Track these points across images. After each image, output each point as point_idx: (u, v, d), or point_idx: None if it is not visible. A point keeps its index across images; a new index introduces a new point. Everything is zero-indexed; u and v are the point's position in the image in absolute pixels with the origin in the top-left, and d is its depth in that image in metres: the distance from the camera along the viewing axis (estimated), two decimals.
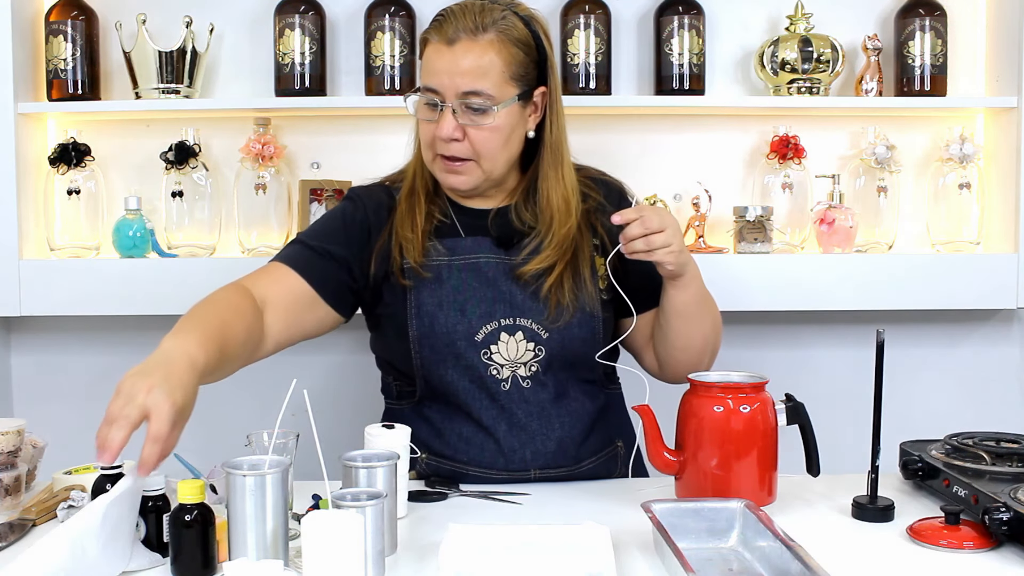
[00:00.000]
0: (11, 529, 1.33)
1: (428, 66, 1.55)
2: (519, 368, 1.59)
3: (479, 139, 1.55)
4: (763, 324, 2.40)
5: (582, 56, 2.24)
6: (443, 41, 1.52)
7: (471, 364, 1.58)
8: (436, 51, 1.54)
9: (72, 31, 2.23)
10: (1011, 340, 2.43)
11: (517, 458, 1.58)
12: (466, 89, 1.52)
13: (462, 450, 1.60)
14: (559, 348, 1.59)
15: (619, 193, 1.73)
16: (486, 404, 1.59)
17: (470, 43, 1.51)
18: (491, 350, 1.58)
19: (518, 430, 1.58)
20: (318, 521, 1.08)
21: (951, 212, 2.32)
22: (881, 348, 1.38)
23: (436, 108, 1.54)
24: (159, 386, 1.17)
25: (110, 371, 2.42)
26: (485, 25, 1.52)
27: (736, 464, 1.42)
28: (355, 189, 1.72)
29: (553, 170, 1.61)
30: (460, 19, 1.52)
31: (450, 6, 1.57)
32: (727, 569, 1.24)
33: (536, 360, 1.59)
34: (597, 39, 2.24)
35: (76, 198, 2.27)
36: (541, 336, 1.59)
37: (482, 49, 1.52)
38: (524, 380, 1.59)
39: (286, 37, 2.24)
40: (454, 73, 1.52)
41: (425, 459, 1.62)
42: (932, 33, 2.26)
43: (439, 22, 1.55)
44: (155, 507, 1.25)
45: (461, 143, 1.55)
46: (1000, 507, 1.26)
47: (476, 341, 1.58)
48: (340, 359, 2.38)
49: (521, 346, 1.58)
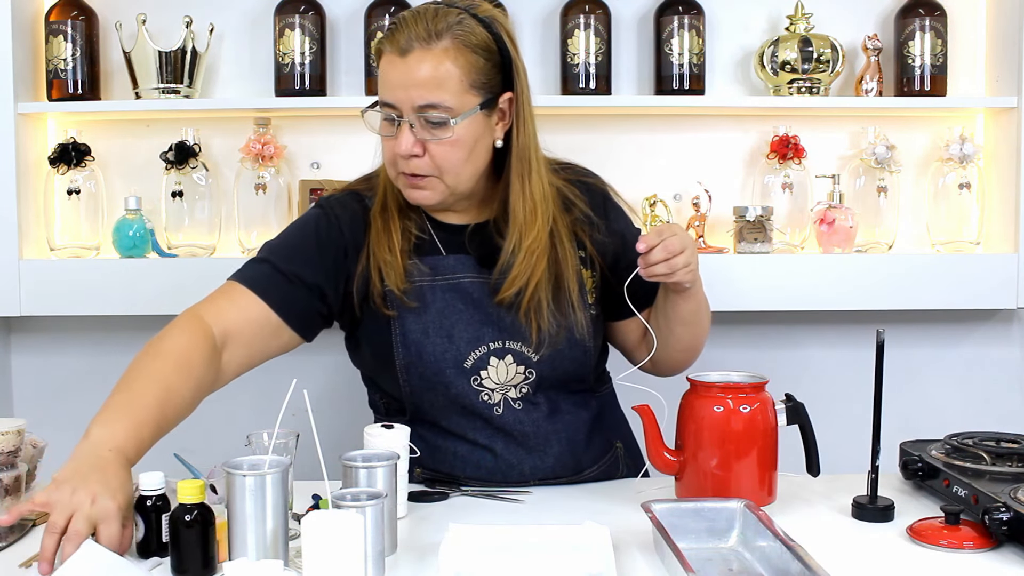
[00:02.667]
0: (11, 529, 1.33)
1: (383, 79, 1.45)
2: (510, 391, 1.54)
3: (439, 154, 1.45)
4: (763, 324, 2.40)
5: (582, 56, 2.24)
6: (396, 52, 1.42)
7: (461, 392, 1.53)
8: (390, 63, 1.44)
9: (72, 31, 2.23)
10: (1011, 340, 2.43)
11: (515, 472, 1.55)
12: (422, 103, 1.42)
13: (459, 467, 1.57)
14: (550, 370, 1.55)
15: (603, 196, 1.65)
16: (480, 426, 1.55)
17: (423, 52, 1.41)
18: (480, 376, 1.53)
19: (515, 447, 1.55)
20: (318, 521, 1.07)
21: (951, 212, 2.32)
22: (881, 348, 1.38)
23: (394, 123, 1.45)
24: (101, 493, 1.17)
25: (110, 371, 2.42)
26: (439, 32, 1.42)
27: (736, 464, 1.42)
28: (326, 199, 1.61)
29: (519, 181, 1.51)
30: (412, 27, 1.42)
31: (403, 12, 1.48)
32: (727, 569, 1.24)
33: (527, 382, 1.55)
34: (597, 39, 2.24)
35: (76, 198, 2.27)
36: (531, 359, 1.54)
37: (436, 59, 1.41)
38: (516, 402, 1.55)
39: (286, 37, 2.24)
40: (409, 86, 1.42)
41: (420, 473, 1.58)
42: (932, 33, 2.26)
43: (391, 31, 1.44)
44: (155, 507, 1.25)
45: (421, 159, 1.45)
46: (1000, 507, 1.25)
47: (465, 368, 1.52)
48: (340, 359, 2.35)
49: (511, 369, 1.54)
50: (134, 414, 1.30)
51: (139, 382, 1.36)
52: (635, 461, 1.71)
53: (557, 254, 1.55)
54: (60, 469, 1.23)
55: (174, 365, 1.39)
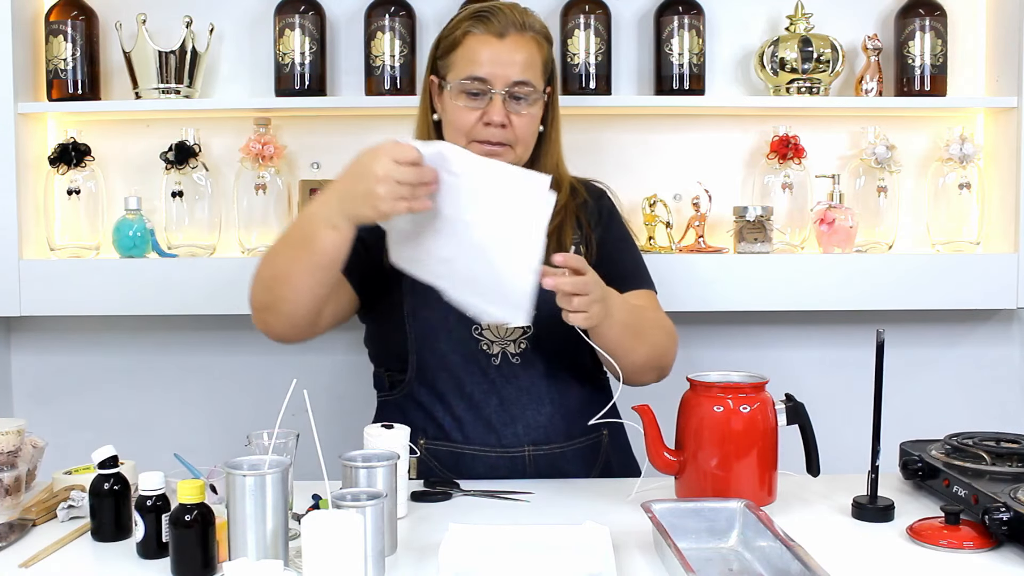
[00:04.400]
0: (11, 529, 1.33)
1: (473, 57, 1.64)
2: (509, 346, 1.66)
3: (520, 125, 1.65)
4: (763, 324, 2.40)
5: (582, 56, 2.24)
6: (493, 34, 1.63)
7: (462, 338, 1.65)
8: (485, 43, 1.63)
9: (72, 31, 2.23)
10: (1011, 340, 2.43)
11: (509, 433, 1.64)
12: (517, 79, 1.63)
13: (456, 430, 1.65)
14: (547, 332, 1.62)
15: (609, 206, 1.81)
16: (477, 379, 1.65)
17: (518, 37, 1.64)
18: (481, 326, 1.65)
19: (509, 404, 1.65)
20: (318, 521, 1.08)
21: (951, 212, 2.32)
22: (881, 348, 1.39)
23: (479, 96, 1.63)
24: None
25: (110, 371, 2.44)
26: (529, 24, 1.66)
27: (736, 464, 1.42)
28: None
29: (547, 158, 1.73)
30: (506, 15, 1.64)
31: (485, 5, 1.67)
32: (727, 569, 1.24)
33: (525, 337, 1.66)
34: (597, 39, 2.24)
35: (76, 198, 2.27)
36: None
37: (528, 44, 1.65)
38: (514, 357, 1.66)
39: (286, 37, 2.24)
40: (505, 64, 1.63)
41: (424, 444, 1.66)
42: (932, 33, 2.26)
43: (483, 18, 1.64)
44: (155, 507, 1.25)
45: (504, 129, 1.63)
46: (1000, 507, 1.26)
47: (467, 316, 1.55)
48: (340, 359, 2.38)
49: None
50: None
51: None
52: (623, 458, 1.74)
53: (562, 225, 1.69)
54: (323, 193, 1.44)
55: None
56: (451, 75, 1.66)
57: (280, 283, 1.51)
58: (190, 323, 2.38)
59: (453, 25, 1.69)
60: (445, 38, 1.70)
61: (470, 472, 1.64)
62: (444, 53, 1.69)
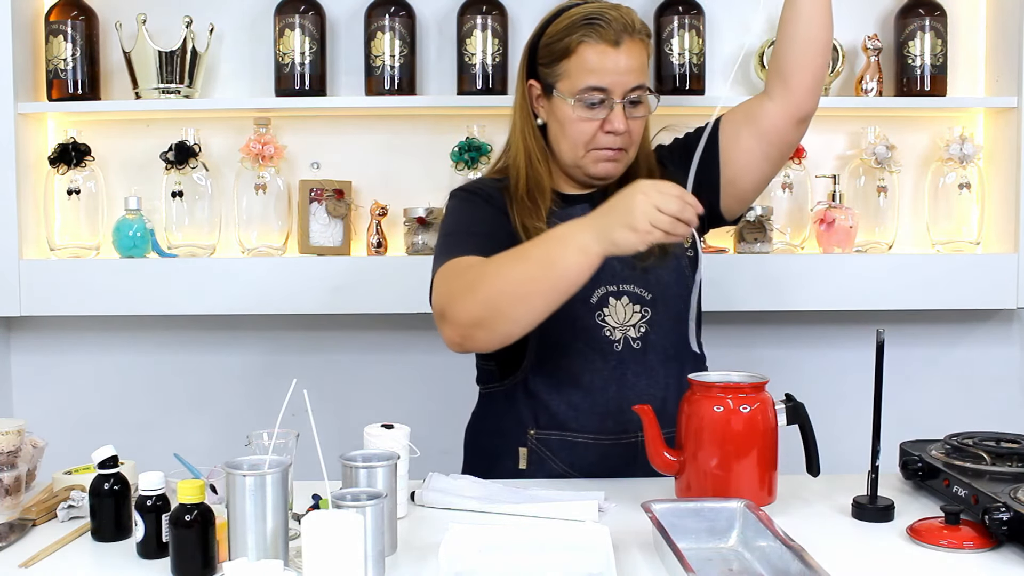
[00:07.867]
0: (11, 529, 1.33)
1: (591, 66, 1.60)
2: (629, 330, 1.65)
3: (636, 129, 1.66)
4: (763, 324, 2.40)
5: None
6: (608, 43, 1.59)
7: (586, 325, 1.64)
8: (602, 53, 1.59)
9: (72, 31, 2.23)
10: (1011, 340, 2.43)
11: (625, 420, 1.62)
12: (634, 85, 1.61)
13: (572, 418, 1.64)
14: (663, 313, 1.65)
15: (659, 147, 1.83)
16: (598, 366, 1.64)
17: (632, 43, 1.61)
18: (603, 312, 1.64)
19: (627, 390, 1.63)
20: (318, 521, 1.08)
21: (951, 212, 2.32)
22: (881, 348, 1.39)
23: (597, 106, 1.61)
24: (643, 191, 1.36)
25: (110, 371, 2.44)
26: (637, 27, 1.62)
27: (736, 464, 1.42)
28: (465, 187, 1.73)
29: (642, 145, 1.73)
30: (618, 21, 1.60)
31: (593, 10, 1.61)
32: (727, 569, 1.24)
33: (644, 321, 1.65)
34: None
35: (76, 198, 2.27)
36: (644, 297, 1.65)
37: (639, 48, 1.62)
38: (635, 341, 1.65)
39: (286, 37, 2.24)
40: (623, 72, 1.60)
41: (534, 435, 1.65)
42: (932, 33, 2.26)
43: (596, 25, 1.60)
44: (155, 507, 1.25)
45: (622, 135, 1.63)
46: (1000, 507, 1.26)
47: (591, 303, 1.62)
48: (341, 359, 2.38)
49: (628, 309, 1.64)
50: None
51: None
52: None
53: None
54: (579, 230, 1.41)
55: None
56: (563, 84, 1.62)
57: (508, 301, 1.43)
58: (190, 323, 2.38)
59: (562, 31, 1.62)
60: (551, 44, 1.63)
61: (582, 461, 1.64)
62: (552, 61, 1.63)
